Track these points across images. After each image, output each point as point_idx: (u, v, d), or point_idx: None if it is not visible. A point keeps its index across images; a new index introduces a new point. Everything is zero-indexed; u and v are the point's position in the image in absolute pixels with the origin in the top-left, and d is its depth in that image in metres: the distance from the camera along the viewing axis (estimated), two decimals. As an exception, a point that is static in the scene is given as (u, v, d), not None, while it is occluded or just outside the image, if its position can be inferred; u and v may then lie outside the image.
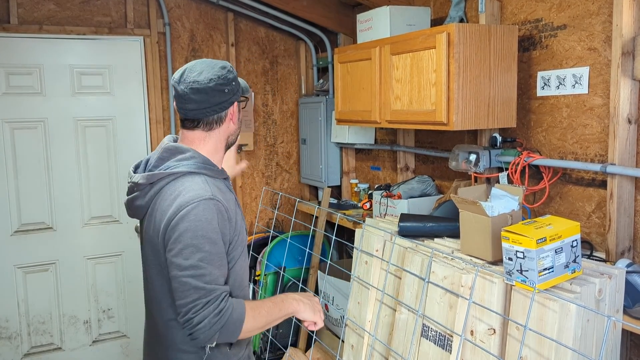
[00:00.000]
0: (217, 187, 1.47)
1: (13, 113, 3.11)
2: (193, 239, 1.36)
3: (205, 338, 1.36)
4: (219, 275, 1.39)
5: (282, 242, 3.47)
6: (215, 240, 1.38)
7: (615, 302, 1.70)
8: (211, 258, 1.37)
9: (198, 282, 1.35)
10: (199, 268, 1.36)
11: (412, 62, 2.29)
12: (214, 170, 1.50)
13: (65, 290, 3.31)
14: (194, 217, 1.36)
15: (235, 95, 1.52)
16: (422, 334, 1.96)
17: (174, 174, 1.45)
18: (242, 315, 1.39)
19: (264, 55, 3.75)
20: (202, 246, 1.36)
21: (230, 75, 1.50)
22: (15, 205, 3.15)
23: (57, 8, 3.18)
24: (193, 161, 1.47)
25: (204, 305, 1.35)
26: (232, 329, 1.38)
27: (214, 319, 1.34)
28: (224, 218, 1.42)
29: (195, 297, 1.35)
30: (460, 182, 2.58)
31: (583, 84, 2.05)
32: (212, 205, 1.39)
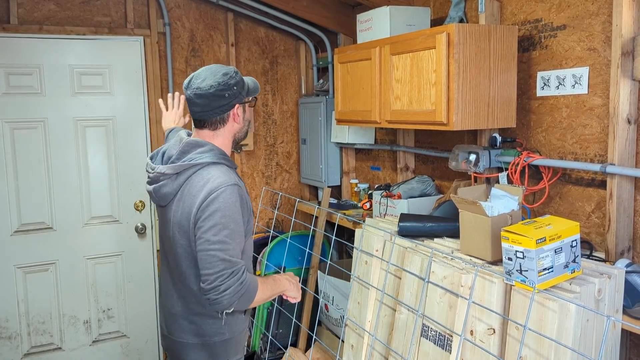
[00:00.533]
0: (236, 175, 1.72)
1: (13, 113, 3.11)
2: (222, 218, 1.59)
3: (228, 303, 1.58)
4: (239, 250, 1.64)
5: (282, 242, 3.47)
6: (238, 220, 1.62)
7: (614, 302, 1.70)
8: (234, 235, 1.61)
9: (225, 255, 1.58)
10: (225, 243, 1.59)
11: (412, 62, 2.29)
12: (231, 161, 1.74)
13: (65, 290, 3.31)
14: (222, 200, 1.60)
15: (236, 99, 1.72)
16: (421, 334, 1.96)
17: (199, 164, 1.68)
18: (257, 286, 1.65)
19: (263, 55, 3.76)
20: (228, 224, 1.60)
21: (232, 80, 1.69)
22: (15, 205, 3.15)
23: (57, 8, 3.18)
24: (212, 153, 1.70)
25: (230, 275, 1.57)
26: (248, 297, 1.62)
27: (238, 287, 1.57)
28: (243, 202, 1.66)
29: (222, 268, 1.57)
30: (460, 182, 2.58)
31: (583, 84, 2.05)
32: (236, 190, 1.64)
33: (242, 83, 1.73)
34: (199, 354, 1.77)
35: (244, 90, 1.74)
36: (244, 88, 1.74)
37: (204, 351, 1.77)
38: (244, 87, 1.74)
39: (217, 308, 1.61)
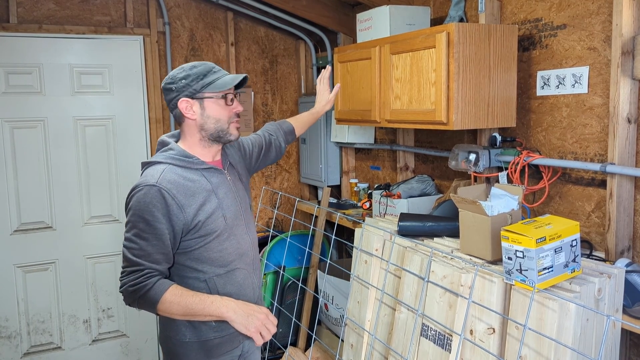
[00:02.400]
0: (179, 175, 1.63)
1: (13, 112, 3.11)
2: (132, 217, 1.59)
3: (126, 301, 1.60)
4: (151, 252, 1.57)
5: (281, 241, 3.47)
6: (150, 221, 1.57)
7: (614, 302, 1.70)
8: (144, 236, 1.57)
9: (128, 253, 1.58)
10: (132, 241, 1.58)
11: (412, 61, 2.29)
12: (187, 162, 1.67)
13: (65, 289, 3.31)
14: (135, 199, 1.59)
15: (182, 93, 1.66)
16: (421, 333, 1.96)
17: (148, 163, 1.69)
18: (158, 296, 1.55)
19: (263, 54, 3.75)
20: (137, 224, 1.57)
21: (181, 74, 1.66)
22: (15, 204, 3.15)
23: (56, 7, 3.17)
24: (167, 153, 1.68)
25: (127, 275, 1.57)
26: (146, 304, 1.57)
27: (130, 288, 1.56)
28: (168, 204, 1.58)
29: (124, 265, 1.59)
30: (460, 182, 2.58)
31: (583, 83, 2.05)
32: (154, 191, 1.58)
33: (194, 77, 1.65)
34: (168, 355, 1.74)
35: (196, 84, 1.65)
36: (197, 82, 1.65)
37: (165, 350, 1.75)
38: (197, 81, 1.65)
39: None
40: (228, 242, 1.71)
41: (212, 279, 1.68)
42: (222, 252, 1.69)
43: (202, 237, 1.64)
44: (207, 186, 1.68)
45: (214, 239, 1.67)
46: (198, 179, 1.67)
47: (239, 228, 1.76)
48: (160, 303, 1.56)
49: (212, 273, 1.68)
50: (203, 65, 1.69)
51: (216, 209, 1.67)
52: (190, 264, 1.67)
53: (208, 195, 1.67)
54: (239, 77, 1.71)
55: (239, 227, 1.76)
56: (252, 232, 1.84)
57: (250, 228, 1.83)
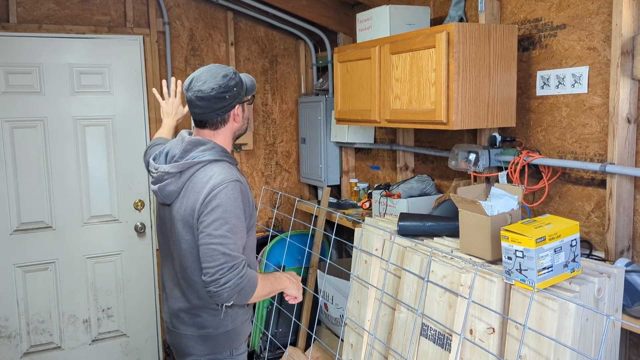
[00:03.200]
0: (238, 171, 1.76)
1: (12, 112, 3.11)
2: (223, 213, 1.63)
3: (228, 296, 1.62)
4: (240, 245, 1.67)
5: (281, 241, 3.47)
6: (239, 215, 1.66)
7: (614, 301, 1.70)
8: (235, 230, 1.65)
9: (225, 249, 1.62)
10: (226, 237, 1.63)
11: (412, 61, 2.29)
12: (232, 158, 1.78)
13: (65, 289, 3.31)
14: (224, 196, 1.64)
15: (236, 100, 1.76)
16: (421, 333, 1.96)
17: (202, 162, 1.72)
18: (256, 282, 1.68)
19: (263, 54, 3.75)
20: (229, 219, 1.64)
21: (232, 82, 1.73)
22: (14, 204, 3.15)
23: (56, 7, 3.17)
24: (214, 151, 1.74)
25: (230, 269, 1.61)
26: (248, 292, 1.65)
27: (238, 280, 1.61)
28: (245, 197, 1.70)
29: (223, 262, 1.61)
30: (460, 182, 2.59)
31: (582, 83, 2.05)
32: (238, 186, 1.68)
33: (241, 83, 1.76)
34: (203, 345, 1.80)
35: (243, 90, 1.77)
36: (242, 88, 1.77)
37: (207, 343, 1.80)
38: (242, 87, 1.77)
39: (217, 300, 1.65)
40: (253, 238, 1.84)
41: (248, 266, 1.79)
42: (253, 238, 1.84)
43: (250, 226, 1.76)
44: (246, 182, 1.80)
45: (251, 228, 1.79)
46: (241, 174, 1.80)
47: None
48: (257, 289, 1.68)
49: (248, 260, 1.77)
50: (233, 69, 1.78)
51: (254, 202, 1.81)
52: None
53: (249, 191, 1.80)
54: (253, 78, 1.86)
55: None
56: None
57: None
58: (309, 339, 3.42)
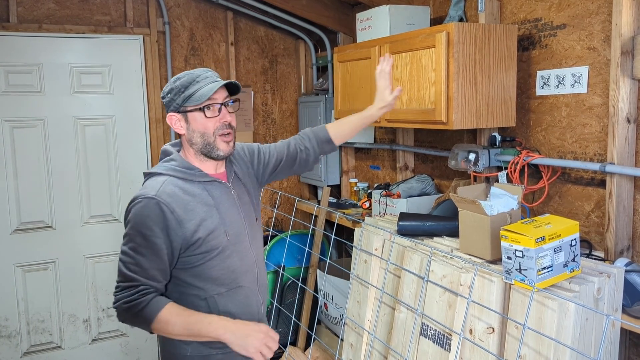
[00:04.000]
0: (179, 188, 1.55)
1: (12, 112, 3.11)
2: (130, 230, 1.52)
3: (119, 318, 1.54)
4: (148, 268, 1.50)
5: (281, 241, 3.47)
6: (148, 236, 1.49)
7: (614, 301, 1.70)
8: (141, 251, 1.50)
9: (123, 268, 1.51)
10: (128, 256, 1.51)
11: (412, 61, 2.29)
12: (189, 174, 1.59)
13: (65, 288, 3.31)
14: (134, 211, 1.51)
15: (169, 108, 1.59)
16: (421, 333, 1.96)
17: (149, 174, 1.61)
18: (153, 315, 1.48)
19: (263, 54, 3.75)
20: (134, 238, 1.50)
21: (167, 87, 1.59)
22: (14, 203, 3.15)
23: (56, 7, 3.17)
24: (169, 164, 1.60)
25: (122, 290, 1.51)
26: (141, 322, 1.50)
27: (124, 305, 1.49)
28: (167, 218, 1.50)
29: (119, 280, 1.53)
30: (460, 181, 2.59)
31: (582, 83, 2.05)
32: (153, 204, 1.50)
33: (177, 90, 1.56)
34: None
35: (179, 97, 1.56)
36: (179, 95, 1.55)
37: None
38: (178, 94, 1.55)
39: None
40: (230, 260, 1.61)
41: (212, 297, 1.59)
42: (224, 270, 1.60)
43: (203, 254, 1.56)
44: (209, 201, 1.58)
45: (216, 256, 1.58)
46: (199, 192, 1.58)
47: (243, 244, 1.65)
48: (155, 322, 1.48)
49: (213, 291, 1.58)
50: (187, 76, 1.57)
51: (218, 225, 1.58)
52: (190, 280, 1.58)
53: (209, 210, 1.57)
54: (217, 85, 1.54)
55: (243, 244, 1.65)
56: (257, 247, 1.72)
57: (255, 244, 1.71)
58: (308, 338, 3.42)
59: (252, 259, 1.68)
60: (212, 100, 1.56)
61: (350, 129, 1.96)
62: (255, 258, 1.70)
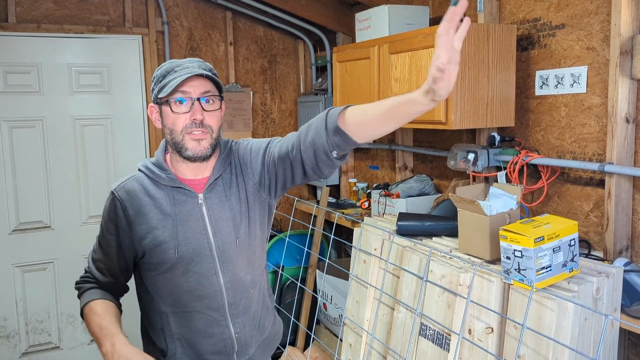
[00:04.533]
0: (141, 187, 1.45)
1: (11, 112, 3.10)
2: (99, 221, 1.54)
3: None
4: (97, 259, 1.52)
5: (280, 241, 3.47)
6: (103, 228, 1.49)
7: (612, 301, 1.70)
8: (98, 241, 1.52)
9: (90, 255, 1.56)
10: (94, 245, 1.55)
11: (411, 61, 2.29)
12: (155, 174, 1.45)
13: (64, 289, 3.30)
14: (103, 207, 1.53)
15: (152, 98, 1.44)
16: (420, 333, 1.96)
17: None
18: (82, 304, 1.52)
19: (262, 54, 3.75)
20: (100, 230, 1.52)
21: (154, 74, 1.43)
22: (13, 204, 3.14)
23: (55, 7, 3.17)
24: (149, 159, 1.54)
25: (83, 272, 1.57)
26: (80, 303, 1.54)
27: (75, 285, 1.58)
28: (118, 216, 1.45)
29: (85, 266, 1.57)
30: (459, 181, 2.59)
31: (581, 83, 2.05)
32: (110, 198, 1.49)
33: (156, 79, 1.40)
34: None
35: (156, 87, 1.40)
36: (157, 84, 1.40)
37: None
38: (157, 83, 1.40)
39: None
40: (183, 279, 1.42)
41: (165, 314, 1.48)
42: (175, 289, 1.43)
43: (151, 265, 1.43)
44: (167, 209, 1.41)
45: (164, 273, 1.42)
46: (160, 197, 1.42)
47: (203, 266, 1.42)
48: (83, 313, 1.50)
49: (168, 308, 1.47)
50: (168, 64, 1.40)
51: (167, 239, 1.40)
52: (150, 289, 1.50)
53: (164, 219, 1.40)
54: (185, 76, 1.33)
55: (203, 265, 1.42)
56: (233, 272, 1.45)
57: (229, 268, 1.44)
58: (307, 338, 3.41)
59: (219, 285, 1.44)
60: (183, 93, 1.35)
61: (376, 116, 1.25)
62: (227, 284, 1.45)
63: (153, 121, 1.46)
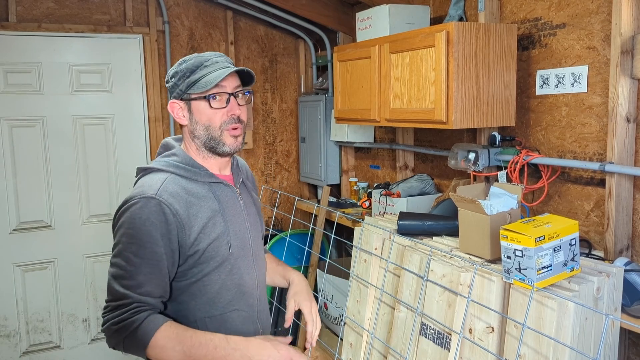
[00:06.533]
0: (182, 188, 1.35)
1: (11, 111, 3.10)
2: (122, 237, 1.30)
3: (109, 343, 1.33)
4: (142, 282, 1.28)
5: (281, 240, 3.47)
6: (145, 243, 1.27)
7: (613, 301, 1.70)
8: (136, 262, 1.28)
9: (114, 284, 1.30)
10: (120, 268, 1.29)
11: (412, 60, 2.29)
12: (192, 172, 1.38)
13: (64, 288, 3.31)
14: (129, 214, 1.29)
15: (172, 94, 1.40)
16: (420, 332, 1.96)
17: (145, 170, 1.40)
18: (148, 337, 1.25)
19: (263, 53, 3.75)
20: (129, 246, 1.28)
21: (171, 71, 1.40)
22: (13, 203, 3.15)
23: (55, 6, 3.17)
24: (171, 159, 1.40)
25: (111, 310, 1.29)
26: (134, 344, 1.27)
27: (113, 327, 1.28)
28: (168, 222, 1.29)
29: (109, 298, 1.31)
30: (459, 181, 2.59)
31: (582, 82, 2.05)
32: (153, 205, 1.28)
33: (182, 74, 1.37)
34: None
35: (182, 83, 1.37)
36: (183, 80, 1.37)
37: None
38: (183, 80, 1.37)
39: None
40: (229, 277, 1.40)
41: (203, 320, 1.37)
42: (221, 289, 1.39)
43: (200, 267, 1.35)
44: (214, 205, 1.38)
45: (213, 271, 1.37)
46: (204, 195, 1.37)
47: (245, 261, 1.44)
48: (150, 347, 1.25)
49: (204, 313, 1.38)
50: (195, 59, 1.38)
51: (221, 234, 1.37)
52: (181, 298, 1.37)
53: (214, 215, 1.37)
54: (227, 72, 1.34)
55: (245, 260, 1.44)
56: (260, 267, 1.51)
57: (259, 263, 1.50)
58: (308, 338, 3.41)
59: (255, 280, 1.47)
60: (219, 88, 1.35)
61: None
62: (257, 279, 1.49)
63: (176, 118, 1.41)
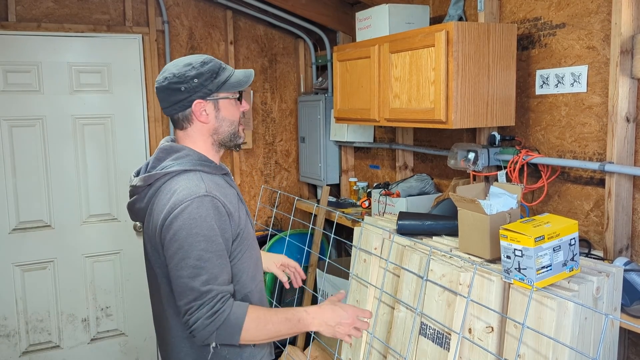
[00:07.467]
0: (215, 183, 1.47)
1: (11, 111, 3.10)
2: (187, 237, 1.36)
3: (201, 338, 1.37)
4: (218, 273, 1.38)
5: (280, 240, 3.47)
6: (211, 237, 1.37)
7: (613, 300, 1.70)
8: (207, 257, 1.36)
9: (194, 283, 1.35)
10: (195, 268, 1.35)
11: (411, 60, 2.29)
12: (211, 167, 1.50)
13: (64, 288, 3.30)
14: (187, 215, 1.36)
15: (196, 93, 1.47)
16: (420, 332, 1.96)
17: (169, 173, 1.45)
18: (241, 320, 1.37)
19: (262, 53, 3.75)
20: (197, 244, 1.35)
21: (192, 72, 1.46)
22: (13, 203, 3.15)
23: (55, 5, 3.17)
24: (188, 159, 1.48)
25: (198, 308, 1.35)
26: (229, 332, 1.36)
27: (207, 320, 1.34)
28: (221, 214, 1.41)
29: (191, 299, 1.36)
30: (459, 181, 2.59)
31: (582, 82, 2.05)
32: (208, 201, 1.39)
33: (208, 75, 1.47)
34: None
35: (210, 82, 1.48)
36: (210, 80, 1.47)
37: None
38: (209, 80, 1.47)
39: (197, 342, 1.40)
40: (253, 252, 1.56)
41: (246, 295, 1.51)
42: (252, 263, 1.54)
43: (240, 247, 1.48)
44: (233, 191, 1.53)
45: (247, 249, 1.52)
46: (224, 184, 1.52)
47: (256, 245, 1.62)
48: (244, 329, 1.36)
49: (247, 288, 1.51)
50: (213, 62, 1.50)
51: (246, 215, 1.54)
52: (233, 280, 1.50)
53: (237, 200, 1.52)
54: (252, 74, 1.56)
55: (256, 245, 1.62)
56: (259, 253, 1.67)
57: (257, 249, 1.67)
58: (307, 338, 3.42)
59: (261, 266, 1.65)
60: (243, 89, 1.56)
61: None
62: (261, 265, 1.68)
63: (199, 117, 1.49)
